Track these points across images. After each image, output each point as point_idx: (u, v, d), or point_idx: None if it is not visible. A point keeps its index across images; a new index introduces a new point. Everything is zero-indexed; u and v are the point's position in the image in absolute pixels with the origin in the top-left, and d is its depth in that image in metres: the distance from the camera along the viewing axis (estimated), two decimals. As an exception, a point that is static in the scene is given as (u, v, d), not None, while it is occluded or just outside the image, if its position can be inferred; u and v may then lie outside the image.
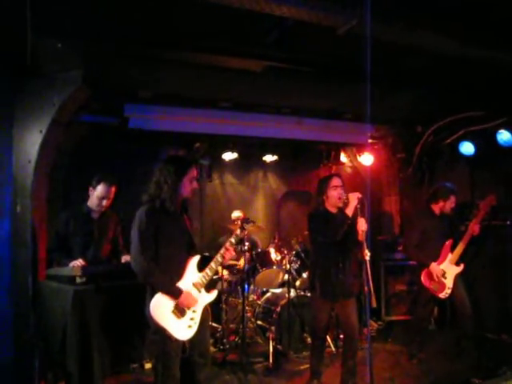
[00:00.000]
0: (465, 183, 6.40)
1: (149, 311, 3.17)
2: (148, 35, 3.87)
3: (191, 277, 3.33)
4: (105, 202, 4.26)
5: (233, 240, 3.51)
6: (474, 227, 4.79)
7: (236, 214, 6.30)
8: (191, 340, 3.30)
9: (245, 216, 3.72)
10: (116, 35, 3.80)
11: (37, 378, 3.81)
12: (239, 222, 3.78)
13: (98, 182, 4.22)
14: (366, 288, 3.64)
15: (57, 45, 3.66)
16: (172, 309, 3.20)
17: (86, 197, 4.30)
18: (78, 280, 3.65)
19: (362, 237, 3.78)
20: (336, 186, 4.15)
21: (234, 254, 3.53)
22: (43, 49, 3.76)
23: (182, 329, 3.24)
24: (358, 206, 3.90)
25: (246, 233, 3.78)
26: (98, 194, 4.23)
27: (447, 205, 4.96)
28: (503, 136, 5.44)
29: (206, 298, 3.42)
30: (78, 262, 3.95)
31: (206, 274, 3.39)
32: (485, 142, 5.71)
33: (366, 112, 4.37)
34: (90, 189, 4.26)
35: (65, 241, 4.20)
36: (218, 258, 3.42)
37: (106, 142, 5.75)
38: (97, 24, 3.62)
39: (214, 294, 3.48)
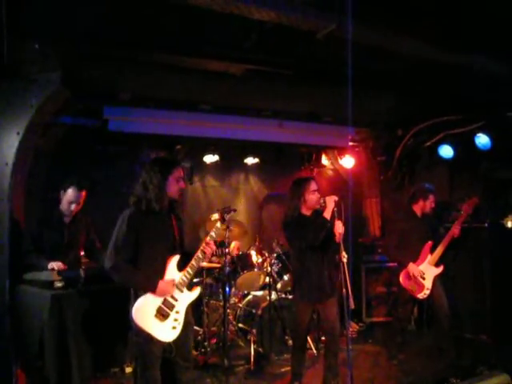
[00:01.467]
0: (444, 186, 6.48)
1: (131, 315, 3.15)
2: (128, 37, 3.85)
3: (172, 277, 3.29)
4: (73, 207, 4.23)
5: (213, 234, 3.47)
6: (455, 229, 4.84)
7: (215, 216, 6.27)
8: (175, 342, 3.27)
9: (221, 209, 3.66)
10: (96, 37, 3.77)
11: (14, 382, 3.75)
12: (219, 214, 3.70)
13: (68, 186, 4.19)
14: (344, 290, 3.67)
15: (34, 46, 3.62)
16: (155, 313, 3.18)
17: (58, 201, 4.26)
18: (56, 285, 3.61)
19: (339, 239, 3.83)
20: (315, 190, 4.17)
21: (214, 247, 3.47)
22: (20, 50, 3.71)
23: (167, 331, 3.22)
24: (335, 208, 3.93)
25: (226, 226, 3.69)
26: (67, 198, 4.20)
27: (427, 204, 5.02)
28: (481, 139, 5.52)
29: (188, 296, 3.38)
30: (56, 265, 3.90)
31: (188, 272, 3.34)
32: (463, 145, 5.80)
33: (347, 115, 4.40)
34: (61, 192, 4.22)
35: (39, 244, 4.15)
36: (199, 254, 3.38)
37: (86, 144, 5.67)
38: (76, 25, 3.59)
39: (196, 292, 3.43)
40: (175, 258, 3.34)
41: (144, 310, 3.17)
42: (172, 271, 3.32)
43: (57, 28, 3.58)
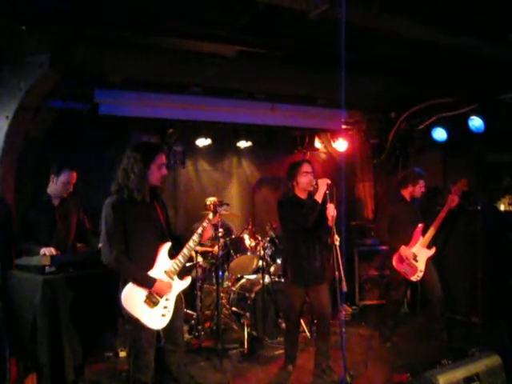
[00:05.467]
0: (437, 169, 6.48)
1: (121, 301, 3.13)
2: (118, 19, 3.77)
3: (163, 264, 3.27)
4: (70, 187, 4.26)
5: (205, 224, 3.42)
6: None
7: (210, 199, 6.24)
8: (163, 328, 3.26)
9: (214, 202, 3.63)
10: (84, 19, 3.69)
11: (7, 368, 3.74)
12: (211, 206, 3.69)
13: (61, 169, 4.19)
14: (336, 273, 3.68)
15: (22, 28, 3.54)
16: (144, 299, 3.15)
17: (46, 185, 4.25)
18: (48, 269, 3.58)
19: (331, 222, 3.83)
20: (307, 172, 4.17)
21: (211, 232, 3.47)
22: (8, 32, 3.64)
23: (156, 318, 3.19)
24: (327, 191, 3.92)
25: (218, 217, 3.70)
26: (63, 180, 4.19)
27: (416, 189, 5.01)
28: (474, 122, 5.51)
29: (179, 285, 3.36)
30: (48, 251, 3.88)
31: (179, 260, 3.32)
32: (457, 128, 5.78)
33: (340, 98, 4.36)
34: (52, 176, 4.20)
35: (30, 230, 4.13)
36: (191, 243, 3.35)
37: (76, 129, 5.61)
38: (64, 7, 3.51)
39: (187, 281, 3.42)
40: (166, 246, 3.31)
41: (133, 296, 3.14)
42: (163, 259, 3.29)
43: (45, 9, 3.50)
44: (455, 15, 3.83)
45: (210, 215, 3.52)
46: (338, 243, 3.74)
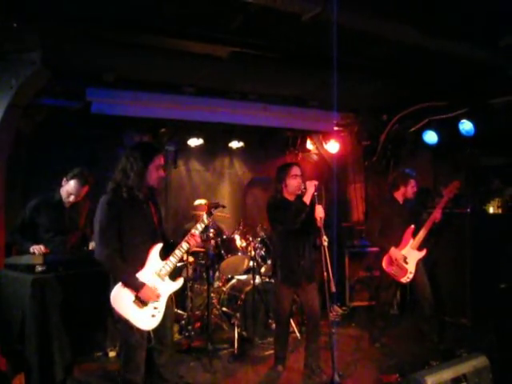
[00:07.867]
0: (428, 171, 6.52)
1: (110, 301, 3.12)
2: (111, 18, 3.76)
3: (153, 265, 3.27)
4: (72, 198, 4.23)
5: (199, 227, 3.45)
6: (436, 214, 4.87)
7: (199, 201, 6.23)
8: (153, 328, 3.25)
9: (209, 203, 3.63)
10: (77, 16, 3.67)
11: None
12: (206, 208, 3.68)
13: (72, 177, 4.18)
14: (325, 273, 3.71)
15: (13, 24, 3.52)
16: (134, 299, 3.15)
17: (59, 185, 4.23)
18: (38, 269, 3.57)
19: (320, 223, 3.86)
20: (296, 175, 4.20)
21: (199, 240, 3.46)
22: (-1, 29, 3.63)
23: (145, 318, 3.19)
24: (316, 193, 3.97)
25: (211, 219, 3.70)
26: (67, 189, 4.20)
27: (408, 189, 5.02)
28: (465, 126, 5.55)
29: (170, 286, 3.36)
30: (39, 248, 3.87)
31: (170, 261, 3.32)
32: (447, 131, 5.81)
33: (332, 99, 4.39)
34: (64, 179, 4.20)
35: (30, 227, 4.11)
36: (183, 245, 3.35)
37: (68, 127, 5.59)
38: (57, 3, 3.50)
39: (179, 283, 3.41)
40: (158, 247, 3.31)
41: (123, 296, 3.14)
42: (154, 260, 3.29)
43: (36, 6, 3.48)
44: (448, 20, 3.86)
45: (205, 217, 3.53)
46: (326, 244, 3.79)
